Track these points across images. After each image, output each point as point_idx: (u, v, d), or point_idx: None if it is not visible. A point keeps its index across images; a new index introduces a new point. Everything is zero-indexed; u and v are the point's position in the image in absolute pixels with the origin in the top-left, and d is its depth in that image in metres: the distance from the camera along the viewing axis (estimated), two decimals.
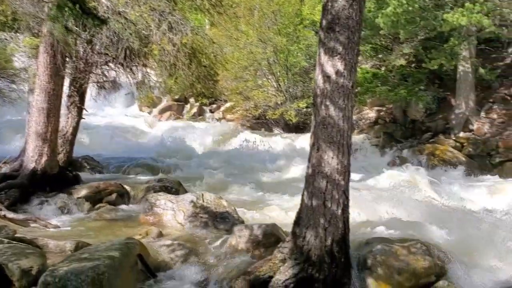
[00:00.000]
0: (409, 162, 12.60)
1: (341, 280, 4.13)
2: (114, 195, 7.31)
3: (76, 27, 6.45)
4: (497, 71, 14.11)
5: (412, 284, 4.15)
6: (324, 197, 4.09)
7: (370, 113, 16.51)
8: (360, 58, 15.78)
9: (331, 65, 3.94)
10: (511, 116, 13.09)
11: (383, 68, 15.38)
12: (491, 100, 13.96)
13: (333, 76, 3.94)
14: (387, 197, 7.37)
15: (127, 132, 14.79)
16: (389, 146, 14.44)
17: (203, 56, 8.56)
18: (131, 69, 8.64)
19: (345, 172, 4.14)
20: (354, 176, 9.68)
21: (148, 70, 9.26)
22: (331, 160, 4.04)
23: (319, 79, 4.05)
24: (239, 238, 5.11)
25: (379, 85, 14.02)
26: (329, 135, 4.02)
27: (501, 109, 13.47)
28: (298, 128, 16.18)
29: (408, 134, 14.93)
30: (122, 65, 8.47)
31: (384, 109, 16.10)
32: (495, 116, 13.40)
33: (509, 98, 13.76)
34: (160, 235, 5.48)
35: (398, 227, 5.72)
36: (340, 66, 3.90)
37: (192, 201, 6.19)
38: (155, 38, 7.23)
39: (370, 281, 4.18)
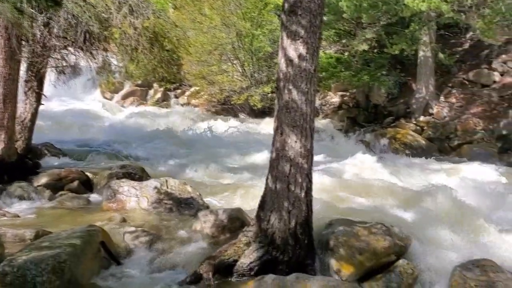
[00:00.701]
0: (371, 146, 12.90)
1: (305, 261, 4.21)
2: (76, 183, 7.15)
3: (32, 9, 6.19)
4: (456, 56, 14.55)
5: (373, 263, 4.26)
6: (288, 180, 4.13)
7: (334, 98, 16.72)
8: (324, 43, 15.98)
9: (294, 49, 3.95)
10: (468, 100, 13.54)
11: (346, 53, 15.53)
12: (450, 85, 14.39)
13: (296, 60, 3.95)
14: (350, 180, 7.54)
15: (88, 119, 14.41)
16: (353, 130, 14.68)
17: (166, 40, 8.39)
18: (91, 53, 8.37)
19: (308, 155, 4.19)
20: (318, 160, 9.84)
21: (109, 54, 9.01)
22: (294, 144, 4.08)
23: (282, 63, 4.05)
24: (204, 223, 5.11)
25: (343, 70, 14.20)
26: (293, 119, 4.05)
27: (460, 93, 13.91)
28: (263, 113, 16.18)
29: (371, 119, 15.23)
30: (82, 49, 8.19)
31: (347, 94, 16.34)
32: (453, 100, 13.83)
33: (467, 82, 14.22)
34: (124, 221, 5.41)
35: (360, 209, 5.87)
36: (302, 50, 3.92)
37: (156, 187, 6.12)
38: (116, 22, 7.02)
39: (332, 261, 4.26)
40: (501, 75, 13.82)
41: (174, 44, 8.81)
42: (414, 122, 13.72)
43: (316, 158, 9.93)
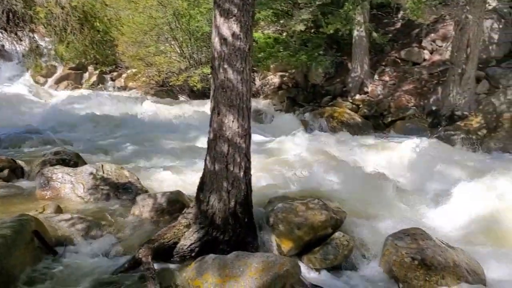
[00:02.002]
0: (311, 125, 13.19)
1: (246, 239, 4.25)
2: (6, 171, 6.73)
3: None
4: (389, 35, 15.09)
5: (311, 237, 4.38)
6: (226, 160, 4.13)
7: (274, 79, 16.86)
8: (262, 23, 16.00)
9: (227, 28, 3.90)
10: (401, 78, 14.12)
11: (284, 34, 15.65)
12: (383, 63, 14.93)
13: (230, 39, 3.91)
14: (290, 158, 7.67)
15: (19, 104, 13.61)
16: (293, 110, 14.94)
17: (97, 20, 8.01)
18: (16, 34, 7.87)
19: (246, 135, 4.19)
20: (259, 140, 9.94)
21: (37, 36, 8.51)
22: (231, 123, 4.06)
23: (216, 41, 4.00)
24: (143, 208, 5.02)
25: (281, 50, 14.31)
26: (229, 98, 4.02)
27: (392, 71, 14.47)
28: (204, 94, 16.03)
29: (310, 98, 15.54)
30: (6, 30, 7.67)
31: (287, 74, 16.53)
32: (387, 78, 14.37)
33: (399, 61, 14.81)
34: (59, 209, 5.19)
35: (299, 186, 6.00)
36: (236, 28, 3.88)
37: (91, 173, 5.91)
38: (41, 0, 6.62)
39: (272, 237, 4.35)
40: (431, 53, 14.50)
41: (105, 24, 8.44)
42: (351, 100, 14.16)
43: (257, 138, 10.10)
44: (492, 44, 13.24)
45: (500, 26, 13.27)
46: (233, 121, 4.05)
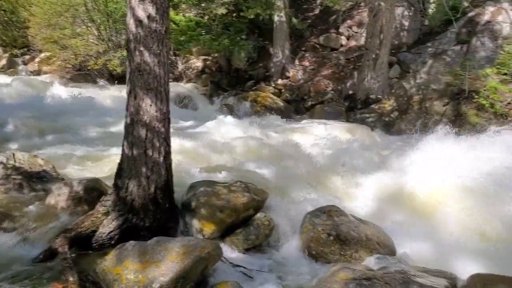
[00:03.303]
0: (235, 109, 13.26)
1: (167, 225, 4.23)
2: None
3: None
4: (308, 21, 15.46)
5: (233, 219, 4.45)
6: (145, 145, 4.06)
7: (197, 63, 16.69)
8: (183, 6, 15.69)
9: (143, 9, 3.80)
10: (320, 63, 14.57)
11: (206, 17, 15.49)
12: (303, 49, 15.30)
13: (145, 21, 3.81)
14: (213, 142, 7.68)
15: None
16: (217, 94, 14.91)
17: None
18: None
19: (165, 119, 4.14)
20: (182, 124, 9.84)
21: None
22: (149, 107, 3.99)
23: (131, 23, 3.88)
24: (59, 197, 4.80)
25: (203, 33, 14.16)
26: (146, 81, 3.94)
27: (312, 56, 14.89)
28: (124, 78, 15.47)
29: (233, 83, 15.58)
30: None
31: (210, 58, 16.42)
32: (307, 63, 14.77)
33: (318, 46, 15.25)
34: None
35: (222, 169, 6.04)
36: (151, 10, 3.79)
37: (1, 163, 5.52)
38: None
39: (195, 222, 4.36)
40: (347, 39, 15.08)
41: (12, 3, 7.81)
42: (273, 85, 14.40)
43: (180, 122, 9.98)
44: (403, 31, 14.04)
45: (410, 14, 14.10)
46: (150, 105, 3.97)
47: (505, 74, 10.63)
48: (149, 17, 3.80)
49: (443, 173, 5.34)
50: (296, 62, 14.88)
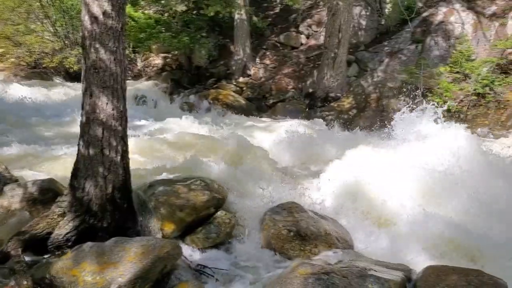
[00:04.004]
0: (196, 107, 13.18)
1: (125, 225, 4.16)
2: None
3: None
4: (268, 19, 15.55)
5: (193, 218, 4.44)
6: (102, 145, 3.97)
7: (157, 60, 16.46)
8: (142, 3, 15.43)
9: (98, 5, 3.71)
10: (281, 61, 14.69)
11: (166, 14, 15.31)
12: (264, 47, 15.38)
13: (101, 17, 3.73)
14: (173, 141, 7.60)
15: None
16: (177, 92, 14.75)
17: None
18: None
19: (122, 117, 4.06)
20: (142, 123, 9.69)
21: None
22: (105, 106, 3.91)
23: (86, 20, 3.79)
24: (12, 198, 4.64)
25: (163, 31, 13.99)
26: (102, 79, 3.85)
27: (273, 55, 14.99)
28: (81, 76, 15.06)
29: (194, 80, 15.45)
30: None
31: (170, 56, 16.23)
32: (268, 61, 14.85)
33: (278, 45, 15.37)
34: None
35: (182, 168, 5.98)
36: (107, 6, 3.71)
37: None
38: None
39: (154, 221, 4.31)
40: (307, 37, 15.28)
41: None
42: (235, 83, 14.40)
43: (138, 121, 9.82)
44: (361, 30, 14.37)
45: (368, 13, 14.43)
46: (107, 103, 3.90)
47: (457, 72, 11.07)
48: (104, 13, 3.72)
49: (397, 167, 5.50)
50: (257, 60, 14.94)
